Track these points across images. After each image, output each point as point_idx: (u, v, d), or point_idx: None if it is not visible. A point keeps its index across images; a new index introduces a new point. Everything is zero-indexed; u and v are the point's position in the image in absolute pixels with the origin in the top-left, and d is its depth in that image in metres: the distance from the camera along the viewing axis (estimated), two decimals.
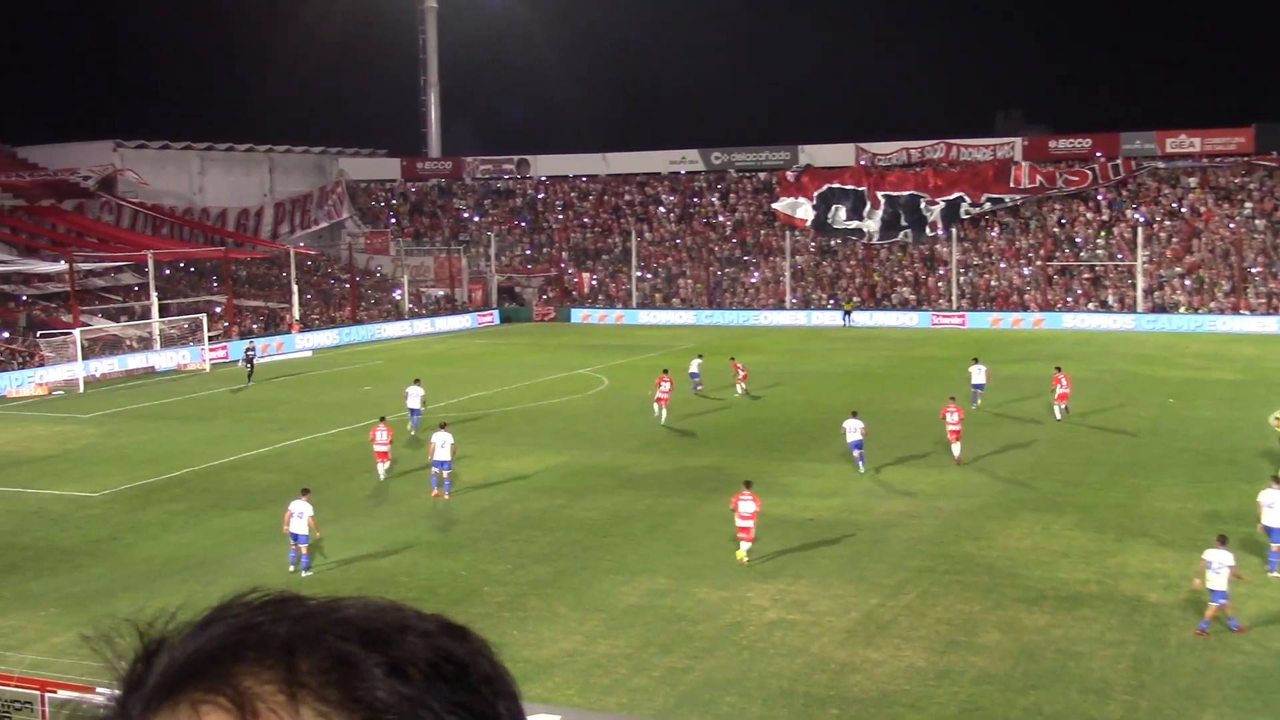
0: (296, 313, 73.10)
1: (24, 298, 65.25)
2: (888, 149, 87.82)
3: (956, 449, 34.84)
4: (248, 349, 58.62)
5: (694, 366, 48.83)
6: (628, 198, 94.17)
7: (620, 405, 47.06)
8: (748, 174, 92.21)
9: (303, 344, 69.24)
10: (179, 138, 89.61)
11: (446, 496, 31.81)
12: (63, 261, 64.35)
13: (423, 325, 79.58)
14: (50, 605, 23.97)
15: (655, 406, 42.53)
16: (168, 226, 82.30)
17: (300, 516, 25.39)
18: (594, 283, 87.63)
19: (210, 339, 63.78)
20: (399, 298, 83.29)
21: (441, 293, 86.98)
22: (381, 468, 34.57)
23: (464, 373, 57.15)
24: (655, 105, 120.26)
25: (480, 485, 33.50)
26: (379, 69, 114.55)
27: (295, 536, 25.54)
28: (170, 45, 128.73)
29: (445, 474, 31.99)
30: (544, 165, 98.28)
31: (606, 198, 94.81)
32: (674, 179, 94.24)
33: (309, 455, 38.46)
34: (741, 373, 49.02)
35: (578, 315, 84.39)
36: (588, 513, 30.24)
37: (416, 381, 43.22)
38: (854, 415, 34.42)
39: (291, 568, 25.70)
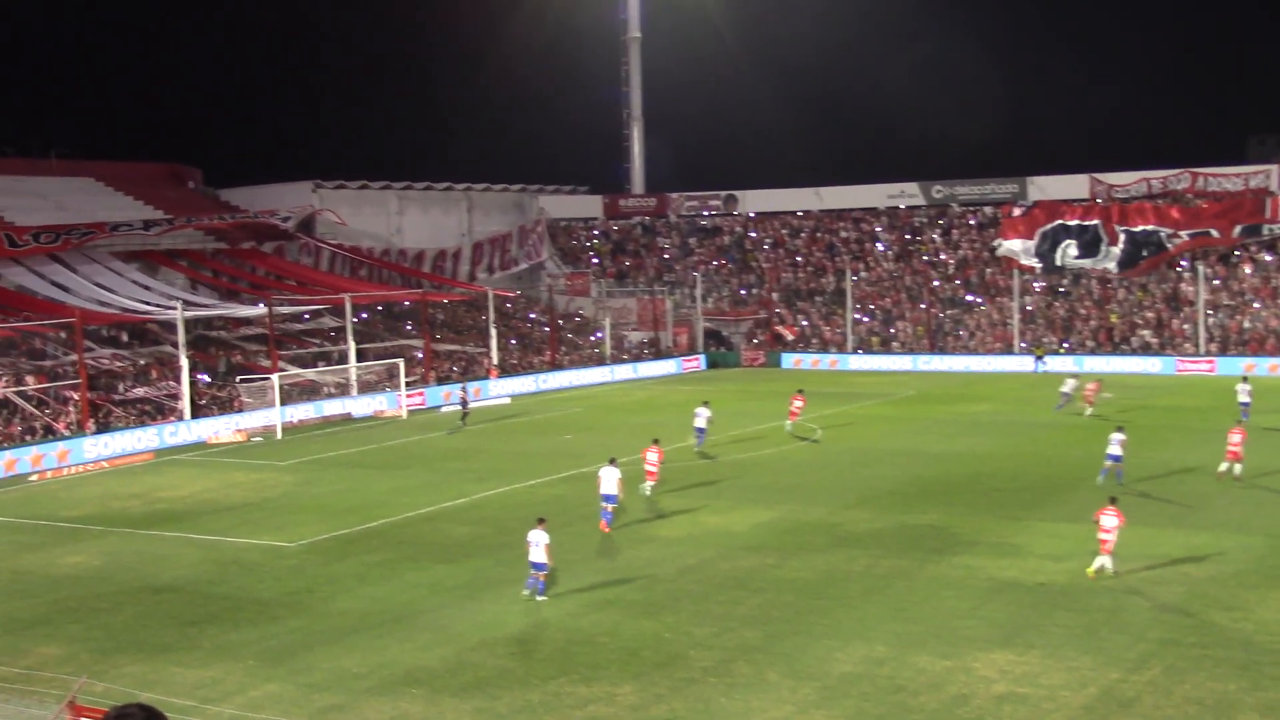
0: (495, 357, 74.67)
1: (231, 342, 68.04)
2: (1125, 179, 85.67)
3: (1236, 469, 37.84)
4: (461, 391, 60.48)
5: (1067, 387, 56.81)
6: (842, 234, 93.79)
7: (834, 458, 46.76)
8: (971, 208, 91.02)
9: (500, 390, 70.64)
10: (377, 177, 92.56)
11: (606, 529, 34.70)
12: (262, 305, 67.01)
13: (625, 371, 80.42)
14: (248, 658, 24.88)
15: (788, 423, 50.39)
16: (365, 268, 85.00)
17: (537, 545, 27.74)
18: (804, 325, 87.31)
19: (407, 384, 65.56)
20: (600, 341, 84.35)
21: (645, 336, 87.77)
22: (648, 485, 38.89)
23: (668, 421, 57.42)
24: (871, 136, 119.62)
25: (684, 541, 33.64)
26: (580, 103, 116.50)
27: (534, 564, 27.86)
28: (369, 85, 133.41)
29: (611, 507, 34.81)
30: (753, 201, 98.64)
31: (819, 235, 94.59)
32: (892, 214, 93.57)
33: (506, 507, 39.16)
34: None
35: (789, 360, 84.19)
36: (799, 573, 30.07)
37: (705, 403, 49.09)
38: (1119, 429, 39.28)
39: (526, 592, 27.95)
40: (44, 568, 33.54)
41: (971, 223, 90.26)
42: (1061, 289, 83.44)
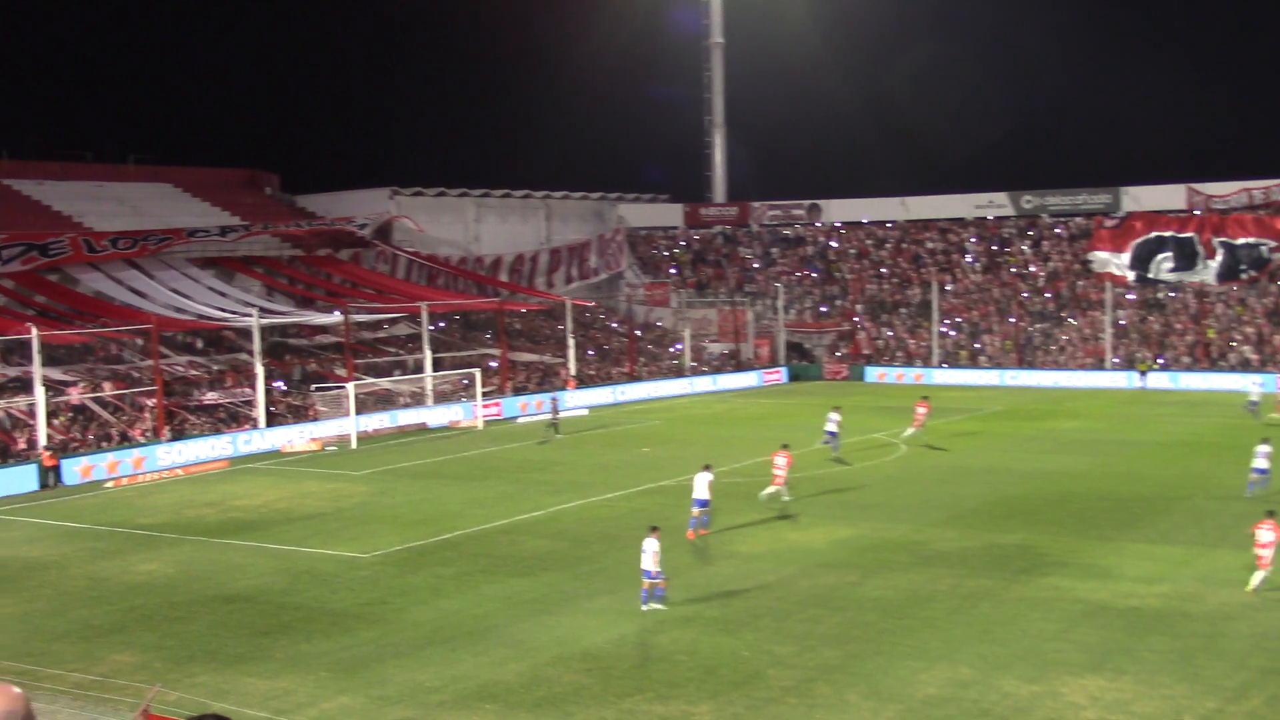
0: (572, 368, 74.91)
1: (306, 350, 68.79)
2: (1225, 190, 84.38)
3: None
4: (552, 401, 60.90)
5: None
6: (929, 245, 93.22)
7: (918, 474, 46.42)
8: (1062, 219, 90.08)
9: (577, 401, 70.83)
10: (455, 184, 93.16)
11: (704, 531, 35.79)
12: (338, 313, 67.65)
13: (704, 383, 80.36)
14: (321, 669, 25.08)
15: (910, 430, 52.07)
16: (442, 276, 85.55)
17: (647, 553, 28.17)
18: (889, 337, 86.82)
19: (483, 394, 65.87)
20: (680, 352, 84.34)
21: (725, 348, 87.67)
22: (773, 489, 39.25)
23: (748, 435, 57.42)
24: (958, 144, 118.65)
25: (764, 557, 33.53)
26: (661, 110, 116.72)
27: (644, 572, 28.24)
28: (448, 91, 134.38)
29: (698, 512, 35.88)
30: (837, 210, 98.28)
31: (905, 245, 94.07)
32: (980, 225, 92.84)
33: (583, 521, 39.24)
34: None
35: (872, 373, 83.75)
36: (882, 591, 29.86)
37: (836, 408, 50.78)
38: (1264, 441, 40.07)
39: (644, 607, 28.20)
40: (119, 575, 34.05)
41: (1062, 234, 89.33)
42: (1157, 303, 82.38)
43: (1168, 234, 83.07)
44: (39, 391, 51.80)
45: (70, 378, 57.21)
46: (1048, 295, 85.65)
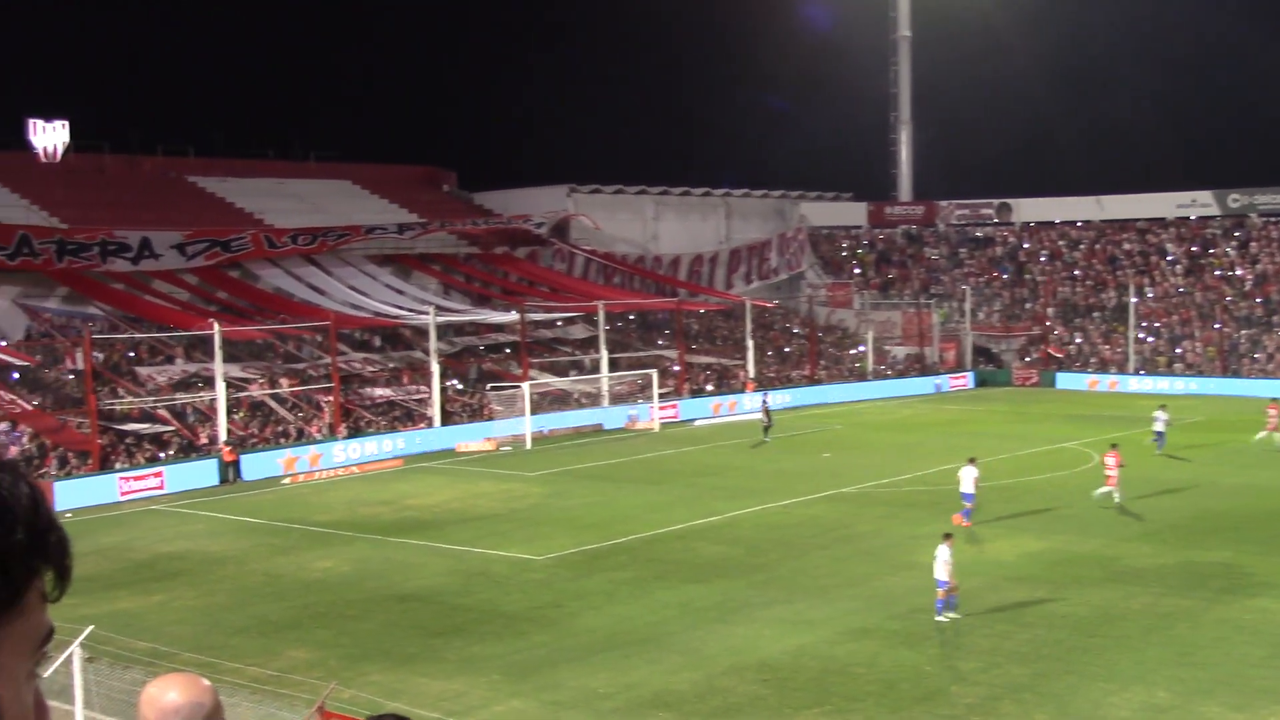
0: (751, 370, 74.78)
1: (482, 348, 69.91)
2: None
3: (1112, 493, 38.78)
4: (763, 402, 60.88)
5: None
6: (1126, 247, 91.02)
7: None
8: (1273, 219, 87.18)
9: (756, 404, 70.63)
10: (633, 181, 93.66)
11: (966, 524, 37.33)
12: (514, 312, 68.53)
13: (887, 387, 79.54)
14: (493, 672, 25.43)
15: (1264, 434, 51.63)
16: (619, 275, 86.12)
17: (938, 560, 28.11)
18: (1079, 343, 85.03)
19: (660, 396, 66.09)
20: (862, 355, 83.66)
21: (909, 351, 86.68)
22: (1105, 490, 40.22)
23: (932, 442, 56.67)
24: (1158, 139, 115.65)
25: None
26: (845, 106, 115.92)
27: (939, 582, 28.11)
28: (626, 87, 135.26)
29: (969, 505, 37.92)
30: (1028, 210, 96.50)
31: (1100, 246, 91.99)
32: (1181, 225, 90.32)
33: (759, 527, 39.16)
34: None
35: (1064, 380, 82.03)
36: (1072, 608, 29.22)
37: (1163, 406, 52.08)
38: None
39: (941, 616, 27.95)
40: (296, 571, 34.97)
41: (1274, 235, 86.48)
42: None
43: None
44: (220, 387, 53.43)
45: (249, 374, 58.92)
46: (1256, 300, 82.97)
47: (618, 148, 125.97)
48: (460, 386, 64.51)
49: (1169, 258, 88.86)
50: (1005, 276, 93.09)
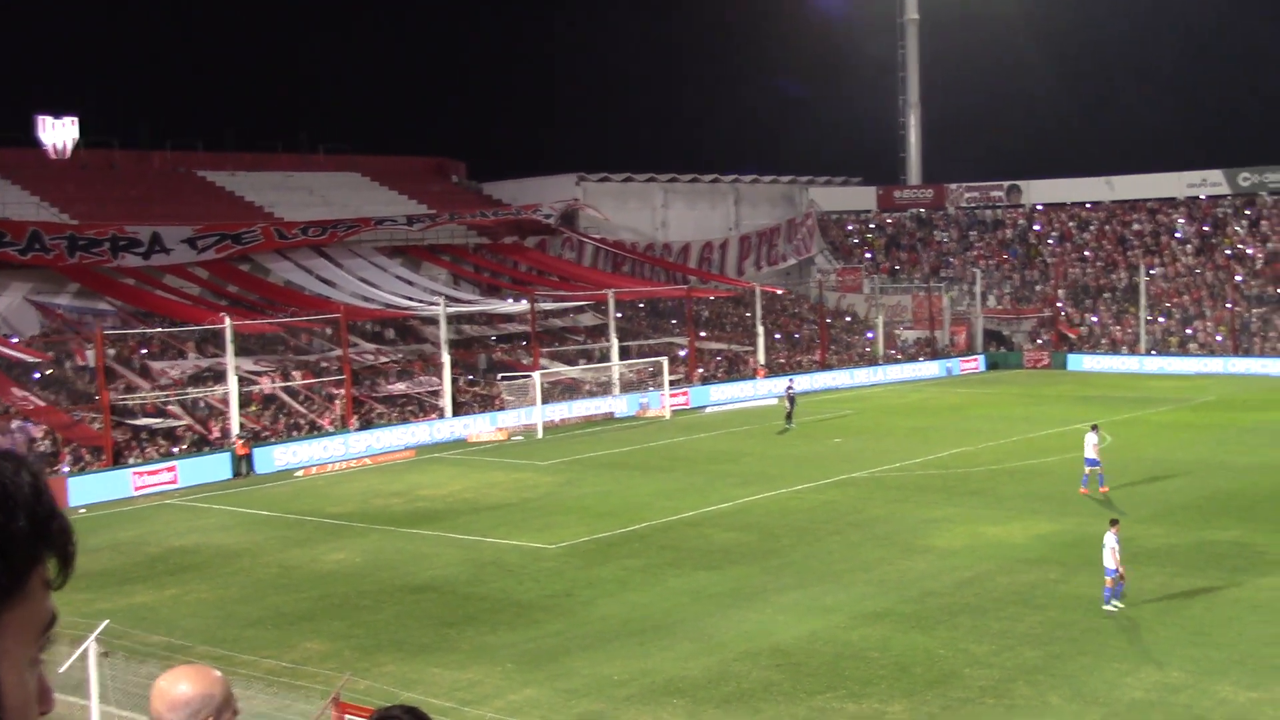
0: (761, 356, 74.79)
1: (492, 338, 70.01)
2: None
3: None
4: (788, 388, 60.74)
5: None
6: (1136, 227, 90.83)
7: (1125, 467, 45.23)
8: None
9: (767, 390, 70.68)
10: (641, 169, 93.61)
11: (1103, 489, 39.30)
12: (524, 301, 68.60)
13: (897, 371, 79.53)
14: (507, 661, 25.52)
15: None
16: (629, 263, 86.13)
17: (1106, 549, 27.46)
18: (1094, 322, 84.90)
19: (671, 383, 66.13)
20: (873, 340, 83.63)
21: (920, 335, 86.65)
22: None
23: (944, 425, 56.69)
24: (1167, 118, 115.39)
25: (960, 552, 33.09)
26: (853, 90, 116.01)
27: (1107, 570, 27.45)
28: (633, 75, 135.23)
29: (1090, 470, 39.42)
30: (1037, 191, 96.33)
31: (1110, 227, 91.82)
32: (1192, 204, 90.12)
33: (772, 513, 39.19)
34: None
35: (1075, 362, 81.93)
36: (1086, 589, 29.19)
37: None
38: None
39: (1108, 605, 27.23)
40: (309, 563, 35.08)
41: None
42: None
43: None
44: (232, 381, 53.56)
45: (261, 368, 59.03)
46: (1266, 279, 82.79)
47: (626, 136, 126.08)
48: (471, 377, 64.59)
49: (1179, 237, 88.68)
50: (1015, 259, 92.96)
